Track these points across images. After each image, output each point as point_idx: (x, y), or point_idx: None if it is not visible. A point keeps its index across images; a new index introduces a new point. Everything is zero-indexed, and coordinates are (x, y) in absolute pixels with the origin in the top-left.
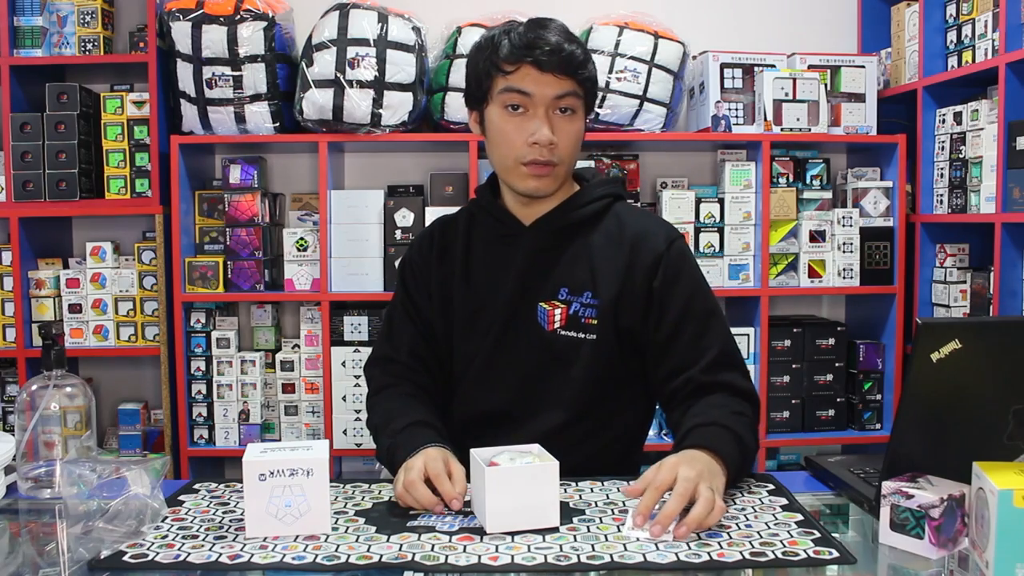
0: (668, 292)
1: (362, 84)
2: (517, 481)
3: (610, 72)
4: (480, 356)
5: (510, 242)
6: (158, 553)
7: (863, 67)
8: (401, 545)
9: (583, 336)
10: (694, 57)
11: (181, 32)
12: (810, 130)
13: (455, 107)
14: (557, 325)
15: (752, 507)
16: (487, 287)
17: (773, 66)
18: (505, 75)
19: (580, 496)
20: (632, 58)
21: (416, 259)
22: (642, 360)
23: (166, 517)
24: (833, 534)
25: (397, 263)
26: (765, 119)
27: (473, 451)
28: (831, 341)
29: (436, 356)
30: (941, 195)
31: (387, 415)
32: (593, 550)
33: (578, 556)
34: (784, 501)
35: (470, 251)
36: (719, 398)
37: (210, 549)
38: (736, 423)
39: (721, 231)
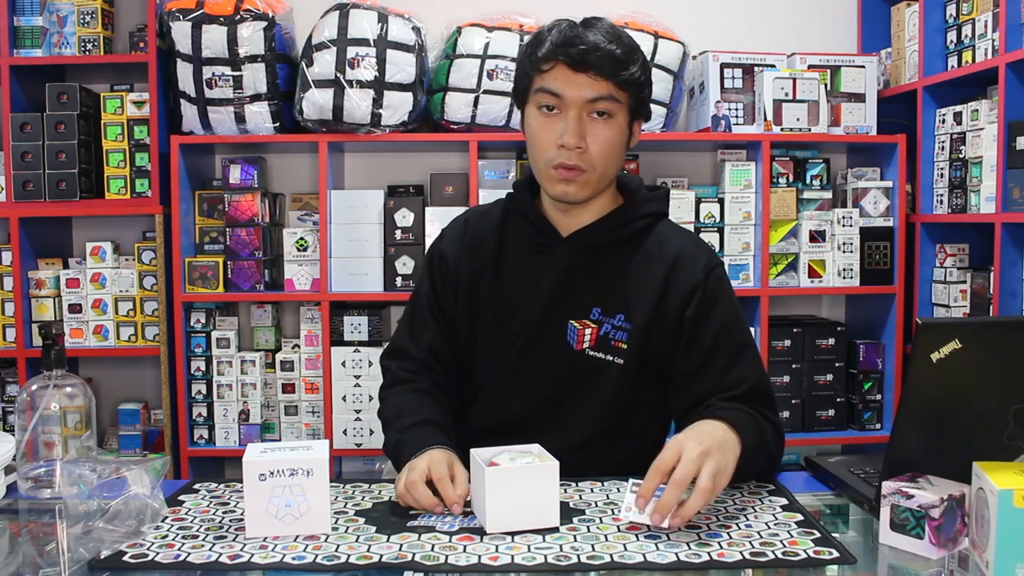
0: (701, 322)
1: (362, 84)
2: (517, 481)
3: None
4: (505, 366)
5: (545, 251)
6: (158, 553)
7: (863, 67)
8: (401, 545)
9: (611, 359)
10: (694, 57)
11: (181, 32)
12: (810, 130)
13: (455, 107)
14: (586, 345)
15: (752, 507)
16: (517, 295)
17: (773, 66)
18: (541, 73)
19: (580, 496)
20: None
21: (446, 253)
22: (665, 385)
23: (166, 517)
24: (833, 534)
25: (425, 251)
26: (765, 119)
27: (473, 451)
28: (831, 341)
29: (455, 355)
30: (941, 195)
31: (398, 409)
32: (593, 550)
33: (578, 556)
34: (784, 501)
35: (503, 252)
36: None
37: (210, 549)
38: (760, 419)
39: (721, 231)
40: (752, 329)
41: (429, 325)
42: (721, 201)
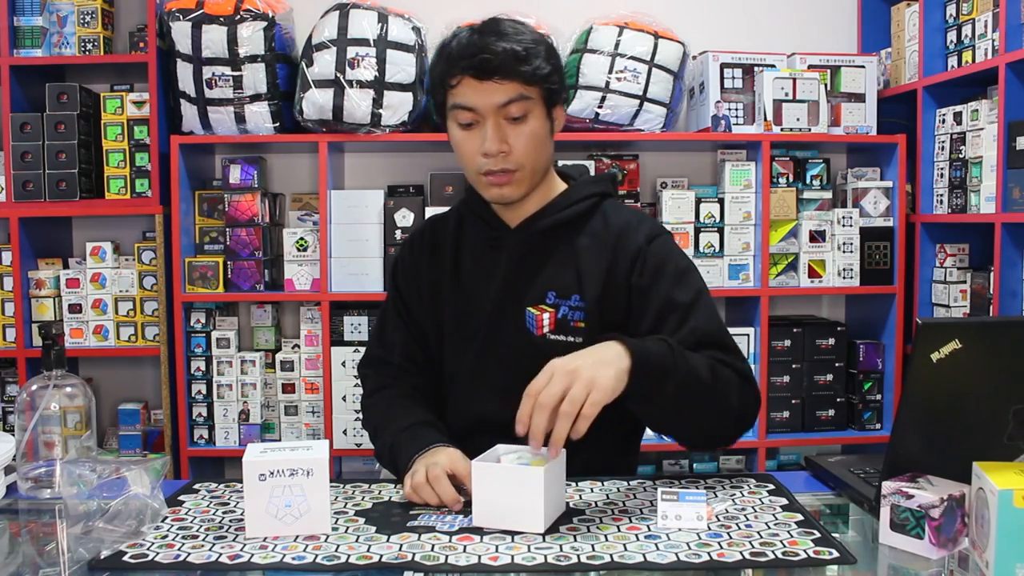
0: (648, 288)
1: (362, 84)
2: (499, 483)
3: (610, 72)
4: (468, 361)
5: (497, 245)
6: (158, 553)
7: (863, 67)
8: (401, 545)
9: (572, 340)
10: (694, 57)
11: (181, 32)
12: (810, 130)
13: None
14: (546, 329)
15: (752, 507)
16: (475, 291)
17: (773, 66)
18: (451, 89)
19: (580, 496)
20: (632, 58)
21: (407, 259)
22: None
23: (166, 517)
24: (833, 534)
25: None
26: (765, 119)
27: (498, 447)
28: (831, 341)
29: (428, 358)
30: (941, 195)
31: (386, 415)
32: (593, 550)
33: (578, 556)
34: (784, 501)
35: (459, 254)
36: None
37: (210, 549)
38: (708, 357)
39: (721, 231)
40: (752, 329)
41: (400, 330)
42: (721, 201)
